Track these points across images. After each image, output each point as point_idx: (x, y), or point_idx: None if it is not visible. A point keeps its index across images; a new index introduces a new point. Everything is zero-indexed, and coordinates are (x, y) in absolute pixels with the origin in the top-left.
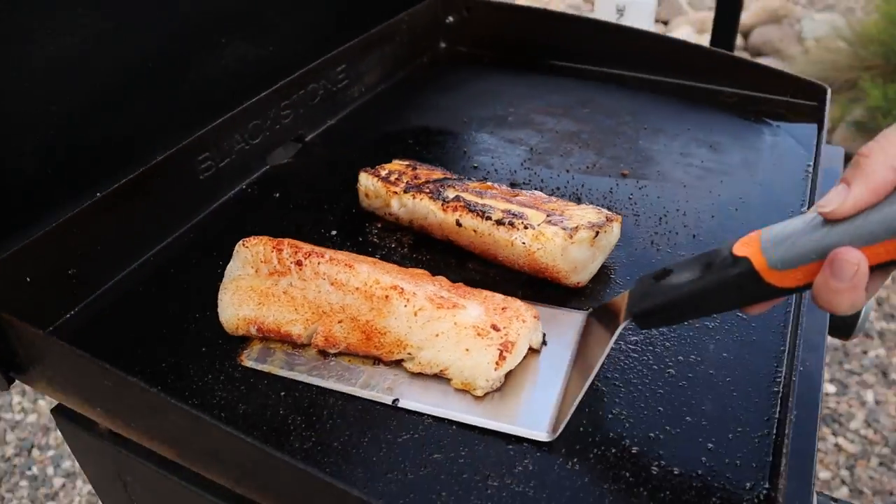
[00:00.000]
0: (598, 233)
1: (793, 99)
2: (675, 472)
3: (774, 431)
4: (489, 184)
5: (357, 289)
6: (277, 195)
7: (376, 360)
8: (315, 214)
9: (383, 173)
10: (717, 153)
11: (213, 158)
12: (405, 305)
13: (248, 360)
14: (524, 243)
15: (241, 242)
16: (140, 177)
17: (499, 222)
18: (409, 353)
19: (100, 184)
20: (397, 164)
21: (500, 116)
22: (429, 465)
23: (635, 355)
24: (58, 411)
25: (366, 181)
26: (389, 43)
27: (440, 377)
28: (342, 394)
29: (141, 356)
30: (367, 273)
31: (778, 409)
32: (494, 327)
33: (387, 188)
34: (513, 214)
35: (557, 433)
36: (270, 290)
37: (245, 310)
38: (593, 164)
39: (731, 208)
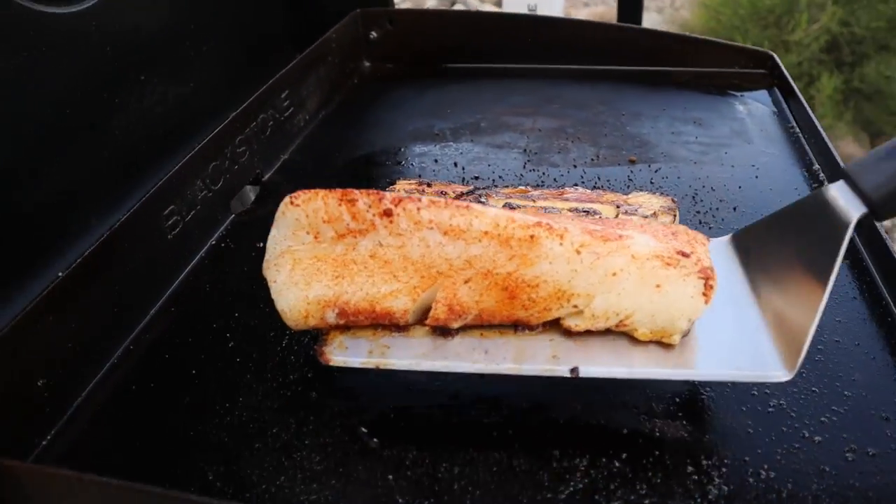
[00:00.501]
0: (674, 216)
1: (742, 69)
2: (871, 453)
3: None
4: (522, 188)
5: (486, 233)
6: (261, 244)
7: (518, 328)
8: None
9: (402, 191)
10: (705, 128)
11: (178, 212)
12: (560, 244)
13: (336, 355)
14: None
15: (286, 201)
16: (104, 245)
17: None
18: (576, 306)
19: (45, 265)
20: (406, 184)
21: (471, 124)
22: None
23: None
24: None
25: None
26: (322, 64)
27: (611, 333)
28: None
29: (170, 473)
30: (495, 212)
31: None
32: (682, 254)
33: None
34: (583, 211)
35: (797, 369)
36: (349, 256)
37: (317, 288)
38: (597, 155)
39: (751, 176)
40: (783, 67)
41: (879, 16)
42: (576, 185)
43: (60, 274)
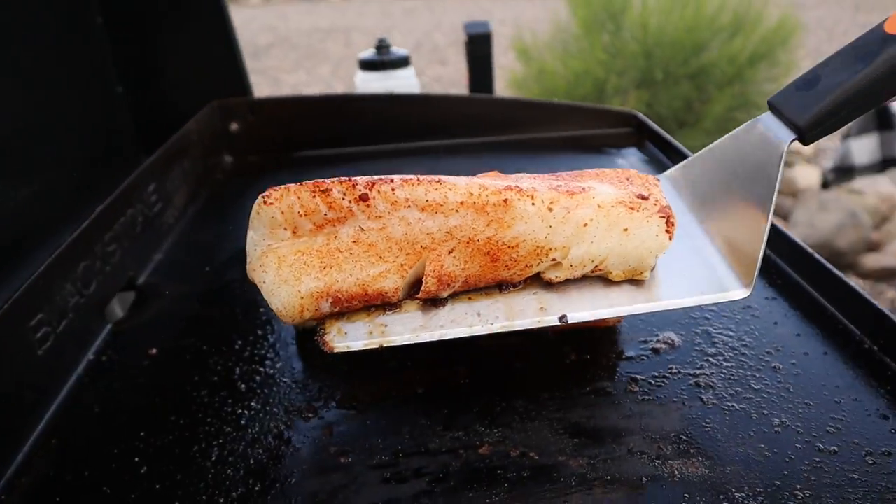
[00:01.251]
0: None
1: (609, 130)
2: (889, 452)
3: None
4: None
5: (461, 203)
6: (154, 351)
7: (503, 286)
8: (230, 355)
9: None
10: None
11: (48, 322)
12: (532, 204)
13: (337, 342)
14: None
15: (259, 201)
16: None
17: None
18: (554, 259)
19: None
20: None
21: None
22: None
23: (729, 363)
24: None
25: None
26: (185, 157)
27: (587, 279)
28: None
29: None
30: (465, 181)
31: (891, 360)
32: (642, 197)
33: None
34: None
35: (753, 285)
36: (332, 245)
37: (307, 282)
38: None
39: None
40: (649, 121)
41: (676, 97)
42: None
43: None
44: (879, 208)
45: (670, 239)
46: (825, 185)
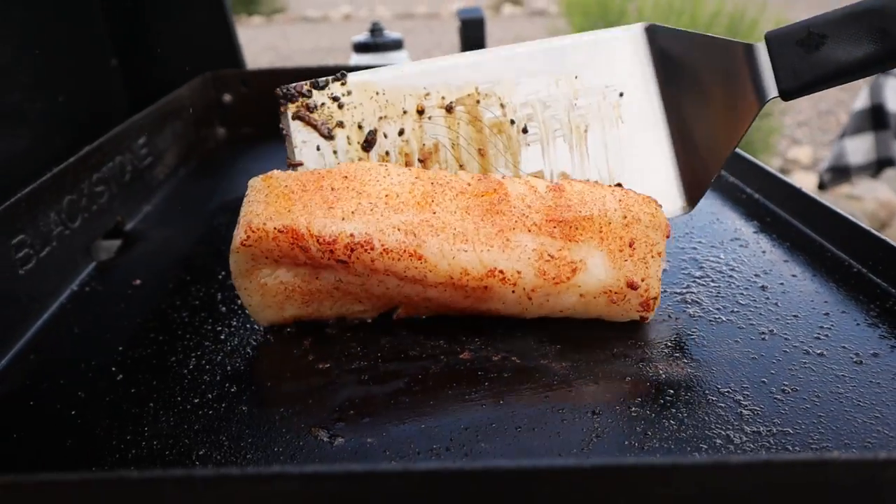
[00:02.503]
0: None
1: None
2: (877, 353)
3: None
4: None
5: (440, 283)
6: (139, 282)
7: None
8: (213, 285)
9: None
10: None
11: (30, 245)
12: (513, 292)
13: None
14: None
15: (237, 244)
16: None
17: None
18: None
19: None
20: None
21: None
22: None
23: (717, 284)
24: None
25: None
26: (178, 119)
27: None
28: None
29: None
30: (447, 263)
31: (880, 279)
32: (631, 285)
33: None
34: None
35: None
36: (313, 286)
37: (291, 309)
38: None
39: None
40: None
41: None
42: None
43: None
44: (878, 214)
45: (642, 320)
46: (822, 186)
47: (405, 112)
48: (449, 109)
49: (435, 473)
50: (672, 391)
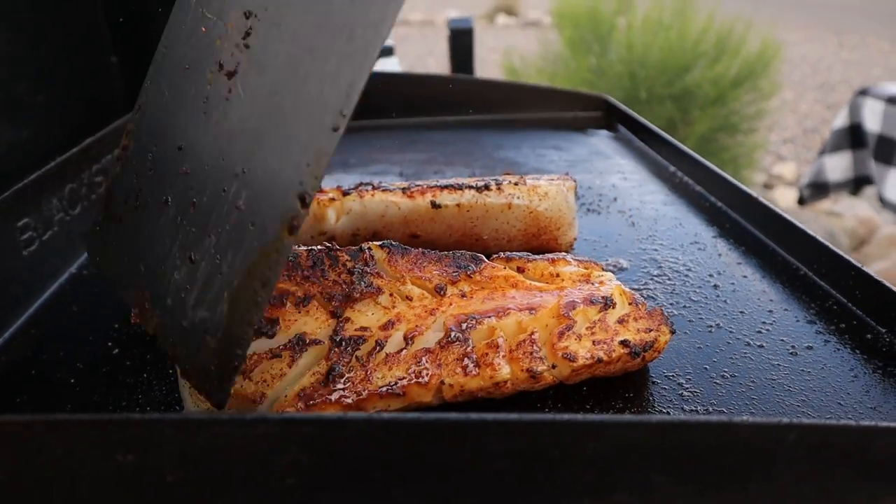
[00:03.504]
0: (575, 181)
1: (581, 113)
2: (812, 347)
3: (840, 296)
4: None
5: None
6: None
7: None
8: None
9: None
10: (565, 151)
11: (34, 228)
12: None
13: None
14: (523, 201)
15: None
16: None
17: (485, 187)
18: None
19: None
20: None
21: (340, 161)
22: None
23: (673, 282)
24: None
25: None
26: None
27: None
28: None
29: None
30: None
31: (823, 281)
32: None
33: (316, 200)
34: (492, 180)
35: None
36: None
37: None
38: (472, 174)
39: (620, 178)
40: (618, 104)
41: (659, 117)
42: None
43: None
44: (858, 231)
45: None
46: (801, 201)
47: None
48: None
49: (395, 421)
50: (622, 378)
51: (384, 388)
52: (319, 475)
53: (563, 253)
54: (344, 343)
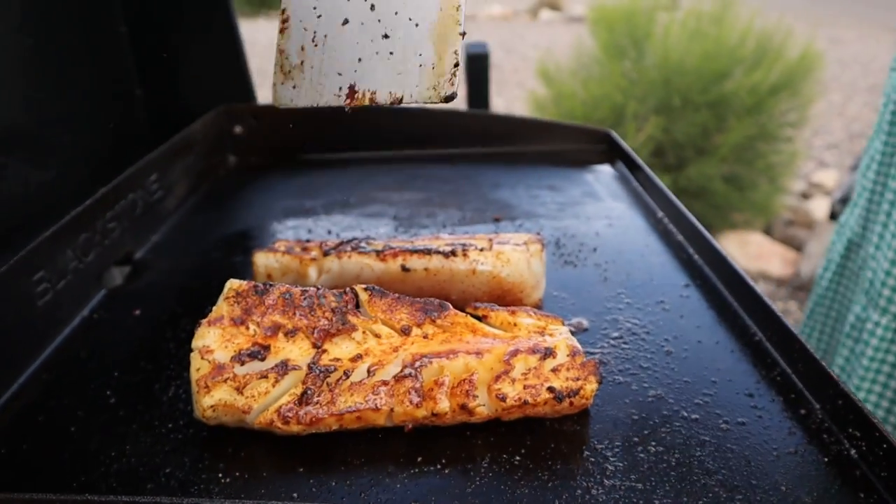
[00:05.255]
0: (542, 245)
1: (585, 146)
2: (742, 422)
3: (786, 366)
4: (401, 239)
5: None
6: (138, 312)
7: None
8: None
9: (282, 248)
10: (559, 192)
11: (48, 279)
12: None
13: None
14: (487, 266)
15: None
16: None
17: (451, 253)
18: None
19: None
20: (285, 242)
21: (341, 200)
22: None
23: (628, 346)
24: None
25: (266, 261)
26: (189, 154)
27: None
28: (369, 470)
29: None
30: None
31: (772, 350)
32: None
33: (299, 259)
34: (460, 244)
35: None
36: None
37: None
38: (463, 217)
39: (605, 225)
40: (620, 141)
41: (693, 124)
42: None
43: None
44: None
45: None
46: (833, 216)
47: None
48: None
49: None
50: (553, 445)
51: (344, 411)
52: None
53: (525, 307)
54: (318, 370)
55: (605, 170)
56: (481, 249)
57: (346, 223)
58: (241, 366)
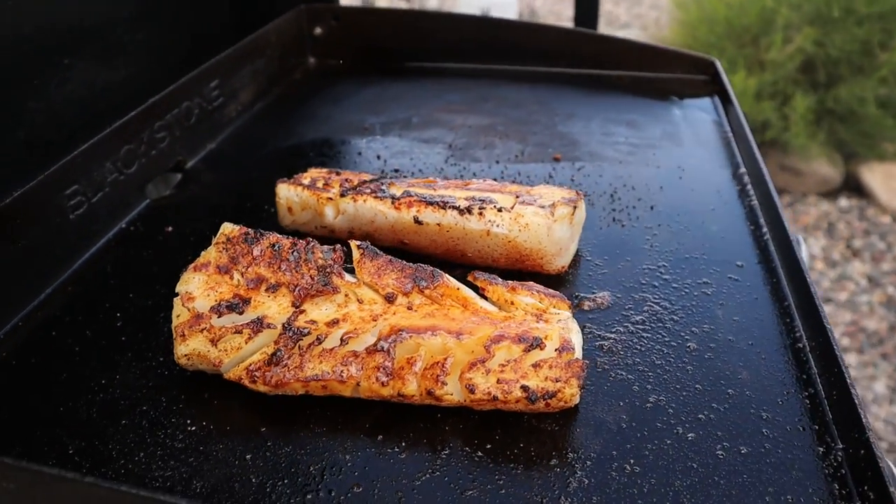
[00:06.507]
0: (575, 207)
1: (684, 75)
2: (743, 451)
3: (821, 389)
4: (430, 178)
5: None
6: (170, 229)
7: None
8: None
9: (306, 181)
10: (637, 130)
11: (83, 192)
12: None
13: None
14: (502, 230)
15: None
16: None
17: (467, 210)
18: None
19: None
20: (316, 172)
21: (403, 120)
22: None
23: (647, 334)
24: None
25: (288, 193)
26: (260, 57)
27: None
28: (328, 443)
29: (33, 448)
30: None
31: (812, 364)
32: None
33: (317, 196)
34: (479, 200)
35: None
36: None
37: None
38: (521, 153)
39: (674, 177)
40: (723, 74)
41: (853, 38)
42: (494, 179)
43: None
44: None
45: None
46: None
47: None
48: None
49: None
50: (522, 445)
51: (310, 378)
52: None
53: (531, 283)
54: (291, 332)
55: (699, 106)
56: (499, 210)
57: (398, 148)
58: (218, 317)
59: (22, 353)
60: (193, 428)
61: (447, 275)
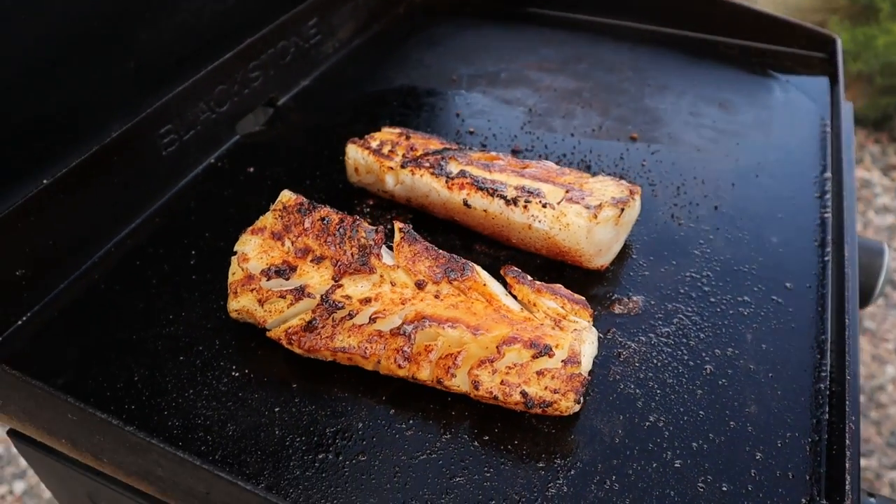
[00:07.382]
0: (623, 209)
1: (800, 50)
2: (724, 489)
3: (826, 437)
4: (493, 154)
5: None
6: (252, 169)
7: None
8: (297, 191)
9: (374, 144)
10: (728, 112)
11: (176, 131)
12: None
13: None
14: (543, 226)
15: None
16: (94, 157)
17: (513, 201)
18: None
19: (45, 168)
20: (388, 133)
21: (492, 73)
22: (452, 491)
23: (668, 349)
24: (14, 434)
25: (355, 154)
26: None
27: None
28: (346, 408)
29: (107, 369)
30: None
31: (828, 410)
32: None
33: (380, 163)
34: (527, 192)
35: None
36: None
37: None
38: (599, 127)
39: (751, 174)
40: (840, 55)
41: None
42: (564, 155)
43: (45, 181)
44: None
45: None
46: None
47: None
48: None
49: None
50: (517, 442)
51: (338, 349)
52: None
53: (558, 286)
54: (328, 304)
55: (805, 89)
56: (544, 206)
57: (479, 106)
58: (267, 280)
59: (110, 279)
60: (237, 374)
61: (479, 268)
